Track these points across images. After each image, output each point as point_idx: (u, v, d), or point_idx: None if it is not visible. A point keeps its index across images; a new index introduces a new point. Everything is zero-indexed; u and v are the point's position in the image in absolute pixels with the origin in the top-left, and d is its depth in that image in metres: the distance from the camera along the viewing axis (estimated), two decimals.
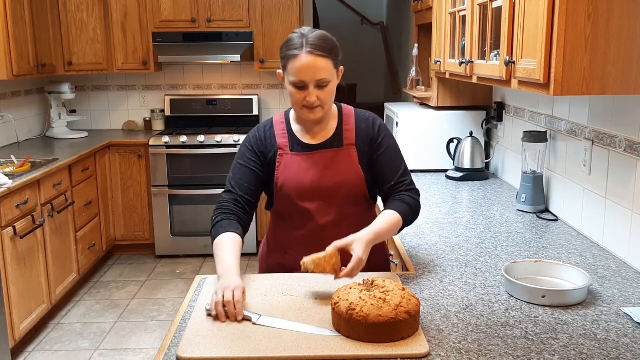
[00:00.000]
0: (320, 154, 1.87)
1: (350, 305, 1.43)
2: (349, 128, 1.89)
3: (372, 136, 1.89)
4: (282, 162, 1.88)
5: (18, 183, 3.34)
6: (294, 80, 1.75)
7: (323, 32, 1.78)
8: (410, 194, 1.88)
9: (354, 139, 1.88)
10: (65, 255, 4.01)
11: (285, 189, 1.87)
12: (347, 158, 1.87)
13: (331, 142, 1.88)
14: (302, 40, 1.73)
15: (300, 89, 1.76)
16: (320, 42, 1.73)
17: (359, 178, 1.87)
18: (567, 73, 1.67)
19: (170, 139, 4.83)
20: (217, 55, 5.00)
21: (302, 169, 1.86)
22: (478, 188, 3.04)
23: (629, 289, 1.76)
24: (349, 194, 1.87)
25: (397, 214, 1.80)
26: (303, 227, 1.90)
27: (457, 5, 2.70)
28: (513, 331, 1.49)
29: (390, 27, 7.23)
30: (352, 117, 1.91)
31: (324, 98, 1.77)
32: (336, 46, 1.79)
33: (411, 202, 1.86)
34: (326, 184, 1.85)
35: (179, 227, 4.97)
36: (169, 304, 4.15)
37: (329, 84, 1.77)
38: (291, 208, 1.89)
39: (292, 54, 1.74)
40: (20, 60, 4.11)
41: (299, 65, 1.72)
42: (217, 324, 1.51)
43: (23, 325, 3.40)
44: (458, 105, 3.45)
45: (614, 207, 2.06)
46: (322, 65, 1.73)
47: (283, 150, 1.89)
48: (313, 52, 1.72)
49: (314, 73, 1.73)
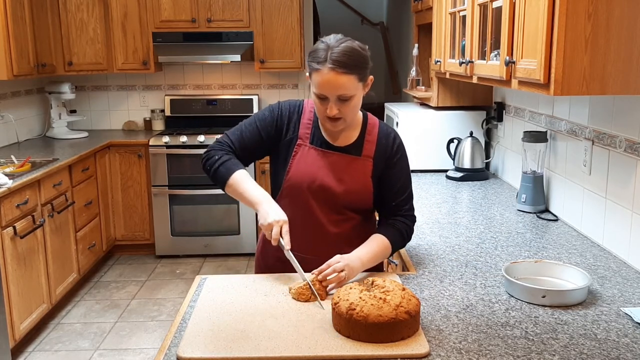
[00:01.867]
0: (337, 156, 1.86)
1: (350, 305, 1.43)
2: (371, 140, 1.88)
3: (389, 153, 1.88)
4: (299, 152, 1.87)
5: (18, 183, 3.34)
6: (316, 92, 1.74)
7: (349, 45, 1.72)
8: (405, 221, 1.88)
9: (373, 151, 1.87)
10: (65, 255, 4.01)
11: (294, 179, 1.86)
12: (361, 169, 1.86)
13: (350, 149, 1.87)
14: (327, 53, 1.69)
15: (322, 100, 1.75)
16: (344, 58, 1.68)
17: (367, 191, 1.86)
18: (567, 73, 1.67)
19: (170, 139, 4.83)
20: (217, 55, 5.00)
21: (315, 165, 1.86)
22: (478, 188, 3.04)
23: (629, 289, 1.76)
24: (354, 203, 1.87)
25: (388, 241, 1.82)
26: (303, 222, 1.88)
27: (457, 5, 2.70)
28: (513, 331, 1.49)
29: (390, 27, 7.23)
30: (375, 129, 1.90)
31: (346, 112, 1.75)
32: (363, 58, 1.73)
33: (404, 229, 1.86)
34: (334, 187, 1.84)
35: (179, 227, 4.97)
36: (169, 304, 4.15)
37: (352, 98, 1.74)
38: (296, 200, 1.87)
39: (315, 67, 1.71)
40: (20, 60, 4.11)
41: (320, 79, 1.70)
42: (217, 324, 1.51)
43: (23, 325, 3.40)
44: (458, 105, 3.45)
45: (614, 207, 2.06)
46: (344, 81, 1.69)
47: (303, 141, 1.88)
48: (335, 68, 1.68)
49: (335, 89, 1.70)
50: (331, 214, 1.87)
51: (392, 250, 1.84)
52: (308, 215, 1.87)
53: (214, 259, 5.00)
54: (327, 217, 1.87)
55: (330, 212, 1.87)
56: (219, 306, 1.62)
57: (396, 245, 1.85)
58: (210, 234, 4.96)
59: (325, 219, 1.87)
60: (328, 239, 1.86)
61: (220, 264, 4.90)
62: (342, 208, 1.87)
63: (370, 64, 1.77)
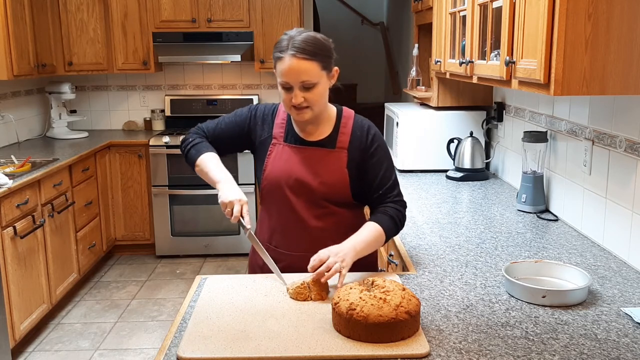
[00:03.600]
0: (312, 151, 1.89)
1: (350, 305, 1.43)
2: (345, 132, 1.90)
3: (364, 144, 1.89)
4: (274, 151, 1.91)
5: (18, 183, 3.34)
6: (280, 81, 1.78)
7: (311, 34, 1.78)
8: (395, 206, 1.87)
9: (347, 143, 1.89)
10: (66, 255, 4.01)
11: (271, 177, 1.90)
12: (336, 160, 1.88)
13: (324, 142, 1.89)
14: (289, 42, 1.75)
15: (287, 89, 1.78)
16: (305, 45, 1.74)
17: (342, 182, 1.87)
18: (567, 73, 1.67)
19: (171, 139, 4.83)
20: (217, 55, 5.00)
21: (290, 161, 1.89)
22: (478, 188, 3.04)
23: (629, 289, 1.76)
24: (331, 195, 1.88)
25: (381, 228, 1.81)
26: (285, 219, 1.92)
27: (457, 5, 2.70)
28: (513, 331, 1.49)
29: (390, 27, 7.23)
30: (350, 121, 1.92)
31: (311, 99, 1.78)
32: (325, 48, 1.79)
33: (395, 214, 1.86)
34: (310, 181, 1.86)
35: (179, 227, 4.97)
36: (169, 304, 4.15)
37: (316, 85, 1.77)
38: (275, 198, 1.91)
39: (277, 56, 1.77)
40: (20, 60, 4.12)
41: (282, 67, 1.75)
42: (217, 324, 1.52)
43: (23, 325, 3.40)
44: (458, 105, 3.45)
45: (614, 207, 2.06)
46: (306, 67, 1.74)
47: (277, 140, 1.92)
48: (296, 54, 1.73)
49: (297, 75, 1.74)
50: (312, 208, 1.88)
51: (387, 237, 1.83)
52: (289, 211, 1.89)
53: (214, 259, 5.01)
54: (307, 211, 1.89)
55: (311, 206, 1.88)
56: (219, 306, 1.62)
57: (390, 232, 1.84)
58: (211, 234, 4.96)
59: (306, 214, 1.89)
60: (311, 233, 1.88)
61: (221, 264, 4.90)
62: (321, 201, 1.88)
63: (335, 55, 1.82)
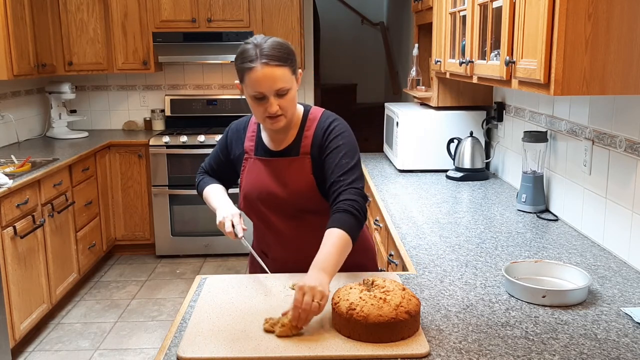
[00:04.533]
0: (277, 161, 1.85)
1: (350, 305, 1.43)
2: (308, 135, 1.84)
3: (321, 142, 1.81)
4: (247, 165, 1.90)
5: (18, 183, 3.34)
6: (253, 93, 1.71)
7: (276, 40, 1.73)
8: (349, 196, 1.69)
9: (309, 147, 1.82)
10: (66, 255, 4.01)
11: (245, 192, 1.89)
12: (300, 167, 1.82)
13: (289, 150, 1.85)
14: (256, 50, 1.68)
15: (260, 100, 1.72)
16: (275, 52, 1.69)
17: (310, 188, 1.81)
18: (567, 73, 1.67)
19: (171, 139, 4.83)
20: (217, 55, 5.00)
21: (261, 175, 1.86)
22: (478, 188, 3.04)
23: (629, 289, 1.76)
24: (302, 204, 1.83)
25: (344, 232, 1.62)
26: (264, 231, 1.93)
27: (457, 5, 2.70)
28: (513, 331, 1.49)
29: (390, 27, 7.23)
30: (314, 123, 1.85)
31: (286, 106, 1.74)
32: (292, 52, 1.75)
33: (351, 207, 1.67)
34: (280, 192, 1.83)
35: (179, 227, 4.97)
36: (169, 304, 4.15)
37: (289, 91, 1.73)
38: (253, 212, 1.91)
39: (247, 67, 1.69)
40: (20, 60, 4.12)
41: (255, 77, 1.68)
42: (217, 324, 1.51)
43: (23, 325, 3.40)
44: (458, 105, 3.45)
45: (614, 207, 2.06)
46: (280, 74, 1.69)
47: (248, 154, 1.91)
48: (269, 62, 1.67)
49: (272, 84, 1.69)
50: (286, 220, 1.86)
51: (352, 238, 1.64)
52: (266, 224, 1.89)
53: (214, 259, 5.01)
54: (283, 223, 1.87)
55: (285, 218, 1.86)
56: (219, 306, 1.62)
57: (353, 231, 1.64)
58: (211, 234, 4.95)
59: (282, 225, 1.87)
60: (289, 245, 1.86)
61: (221, 264, 4.90)
62: (295, 212, 1.84)
63: (297, 59, 1.79)
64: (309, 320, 1.45)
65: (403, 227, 2.38)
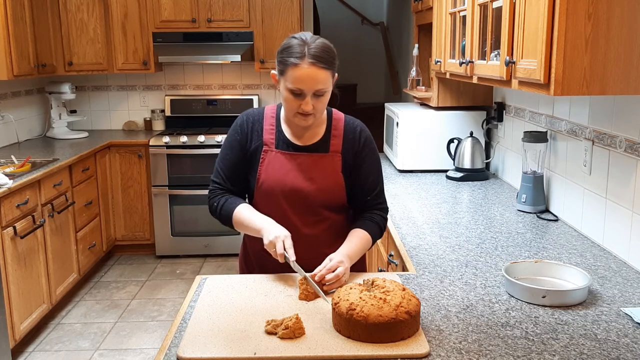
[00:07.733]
0: (305, 156, 1.86)
1: (350, 306, 1.43)
2: (337, 134, 1.88)
3: (357, 147, 1.88)
4: (266, 158, 1.87)
5: (18, 183, 3.34)
6: (291, 87, 1.73)
7: (324, 42, 1.75)
8: (381, 213, 1.93)
9: (341, 146, 1.87)
10: (66, 255, 4.01)
11: (265, 186, 1.86)
12: (331, 165, 1.86)
13: (317, 146, 1.87)
14: (304, 48, 1.70)
15: (298, 96, 1.74)
16: (322, 53, 1.71)
17: (339, 186, 1.86)
18: (568, 73, 1.67)
19: (171, 139, 4.83)
20: (217, 55, 5.00)
21: (284, 169, 1.85)
22: (478, 188, 3.04)
23: (629, 289, 1.76)
24: (328, 201, 1.86)
25: (369, 235, 1.86)
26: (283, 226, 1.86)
27: (457, 5, 2.70)
28: (513, 331, 1.49)
29: (390, 27, 7.23)
30: (340, 123, 1.90)
31: (319, 107, 1.77)
32: (335, 56, 1.77)
33: (381, 222, 1.92)
34: (306, 188, 1.84)
35: (179, 227, 4.97)
36: (169, 304, 4.15)
37: (326, 93, 1.76)
38: (270, 206, 1.87)
39: (293, 62, 1.70)
40: (20, 61, 4.12)
41: (299, 74, 1.70)
42: (217, 324, 1.51)
43: (23, 325, 3.40)
44: (458, 105, 3.45)
45: (614, 207, 2.06)
46: (323, 77, 1.72)
47: (268, 146, 1.88)
48: (315, 63, 1.70)
49: (314, 84, 1.71)
50: (305, 216, 1.87)
51: (372, 244, 1.89)
52: (281, 219, 1.84)
53: (214, 259, 5.01)
54: (301, 219, 1.86)
55: (305, 214, 1.86)
56: (219, 306, 1.62)
57: (375, 238, 1.89)
58: (211, 234, 4.96)
59: (300, 222, 1.86)
60: (303, 241, 1.84)
61: (221, 264, 4.90)
62: (316, 208, 1.86)
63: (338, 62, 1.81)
64: (330, 280, 1.66)
65: (403, 227, 2.38)
